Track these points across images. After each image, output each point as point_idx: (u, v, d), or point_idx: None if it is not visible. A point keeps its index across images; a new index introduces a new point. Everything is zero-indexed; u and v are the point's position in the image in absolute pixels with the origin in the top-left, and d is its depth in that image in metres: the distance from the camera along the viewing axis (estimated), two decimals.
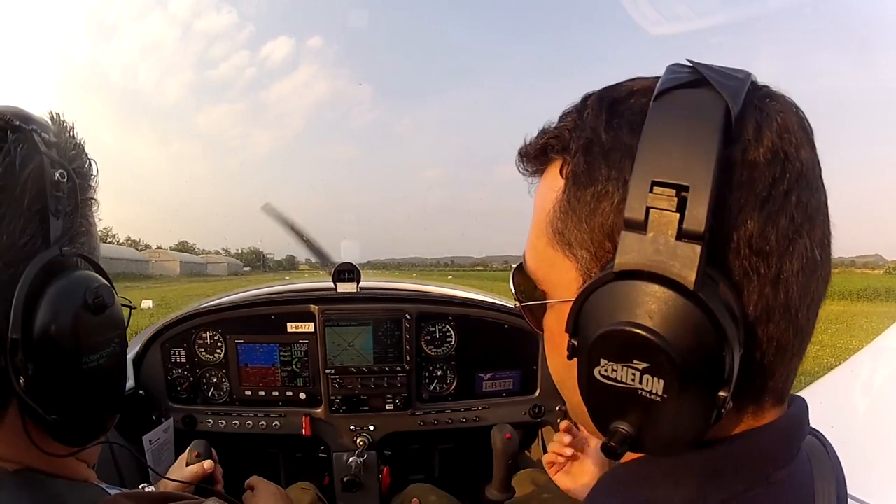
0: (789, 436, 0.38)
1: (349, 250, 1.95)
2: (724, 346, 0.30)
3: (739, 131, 0.31)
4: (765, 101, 0.33)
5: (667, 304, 0.30)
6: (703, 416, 0.32)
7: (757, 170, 0.31)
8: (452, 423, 1.51)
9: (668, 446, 0.35)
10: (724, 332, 0.30)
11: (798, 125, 0.33)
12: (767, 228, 0.31)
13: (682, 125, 0.31)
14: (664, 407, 0.32)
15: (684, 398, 0.31)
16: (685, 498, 0.36)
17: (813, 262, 0.33)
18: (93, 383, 0.45)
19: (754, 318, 0.32)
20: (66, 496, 0.45)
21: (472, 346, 1.55)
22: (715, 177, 0.30)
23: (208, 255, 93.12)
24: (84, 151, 0.48)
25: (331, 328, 1.45)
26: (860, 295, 26.87)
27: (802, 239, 0.32)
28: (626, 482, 0.41)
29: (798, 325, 0.34)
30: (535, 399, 1.55)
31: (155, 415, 1.44)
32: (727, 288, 0.31)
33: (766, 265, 0.32)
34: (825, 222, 0.34)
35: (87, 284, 0.44)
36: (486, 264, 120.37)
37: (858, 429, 1.08)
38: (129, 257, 61.54)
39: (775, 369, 0.35)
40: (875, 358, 1.36)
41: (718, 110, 0.31)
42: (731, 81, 0.32)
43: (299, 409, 1.47)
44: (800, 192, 0.32)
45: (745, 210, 0.31)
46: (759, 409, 0.37)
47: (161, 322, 1.52)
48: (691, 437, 0.33)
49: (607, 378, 0.34)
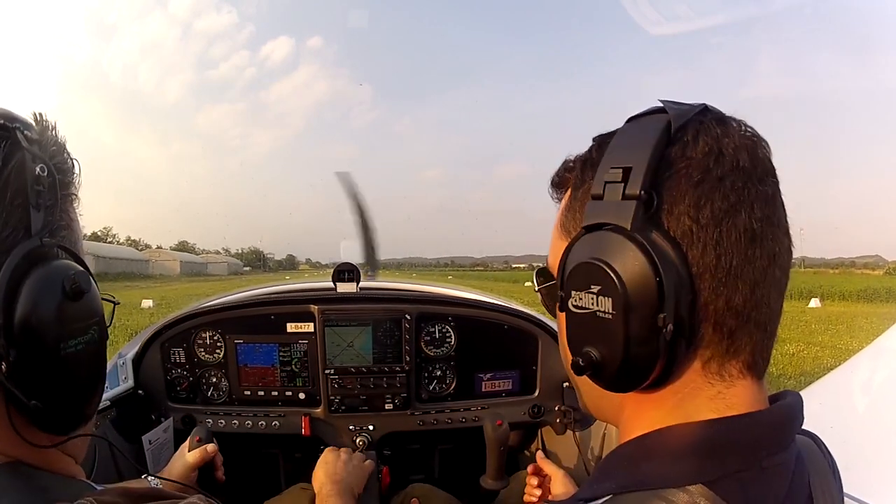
0: (781, 424, 0.43)
1: (349, 250, 1.95)
2: (657, 273, 0.39)
3: (680, 136, 0.42)
4: (710, 120, 0.42)
5: (612, 242, 0.41)
6: (651, 341, 0.40)
7: (692, 161, 0.41)
8: (452, 423, 1.51)
9: (626, 374, 0.42)
10: (655, 261, 0.39)
11: (740, 139, 0.42)
12: (702, 202, 0.40)
13: (635, 133, 0.44)
14: (615, 323, 0.41)
15: (630, 316, 0.40)
16: (682, 473, 0.39)
17: (751, 233, 0.40)
18: (71, 369, 0.46)
19: (696, 273, 0.40)
20: (52, 489, 0.45)
21: (471, 346, 1.54)
22: (652, 160, 0.40)
23: (208, 254, 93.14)
24: (65, 149, 0.50)
25: (330, 328, 1.45)
26: (860, 295, 26.86)
27: (740, 215, 0.40)
28: (629, 458, 0.44)
29: (745, 291, 0.40)
30: (535, 399, 1.55)
31: (154, 414, 1.44)
32: (668, 241, 0.40)
33: (705, 231, 0.40)
34: (769, 207, 0.41)
35: (65, 272, 0.46)
36: (486, 264, 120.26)
37: (858, 429, 1.08)
38: (130, 257, 61.54)
39: (733, 331, 0.41)
40: (875, 358, 1.36)
41: (662, 122, 0.42)
42: (683, 107, 0.43)
43: (299, 409, 1.47)
44: (734, 179, 0.40)
45: (682, 188, 0.41)
46: (725, 371, 0.42)
47: (160, 322, 1.52)
48: (645, 365, 0.41)
49: (577, 307, 0.44)
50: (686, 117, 0.42)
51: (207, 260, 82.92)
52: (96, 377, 0.51)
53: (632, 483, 0.41)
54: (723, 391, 0.41)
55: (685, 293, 0.39)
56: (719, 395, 0.41)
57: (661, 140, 0.41)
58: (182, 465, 1.05)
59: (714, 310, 0.40)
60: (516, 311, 1.58)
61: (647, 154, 0.40)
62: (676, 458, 0.40)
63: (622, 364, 0.41)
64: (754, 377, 0.42)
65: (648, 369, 0.41)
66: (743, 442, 0.40)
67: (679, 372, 0.42)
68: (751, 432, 0.40)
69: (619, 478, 0.42)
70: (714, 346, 0.41)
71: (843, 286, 30.04)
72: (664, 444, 0.42)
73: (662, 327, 0.39)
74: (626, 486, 0.41)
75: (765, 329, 0.42)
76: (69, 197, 0.50)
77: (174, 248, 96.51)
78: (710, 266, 0.40)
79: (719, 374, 0.41)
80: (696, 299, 0.40)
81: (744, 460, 0.39)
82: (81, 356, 0.47)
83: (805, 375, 6.57)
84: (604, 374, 0.44)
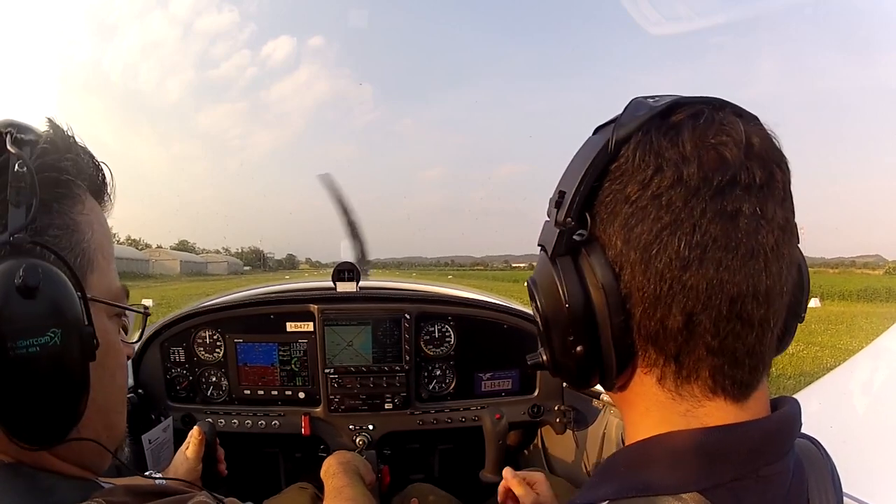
0: (780, 433, 0.42)
1: (349, 250, 1.95)
2: (566, 300, 0.41)
3: (623, 150, 0.40)
4: (661, 129, 0.39)
5: (541, 265, 0.44)
6: (569, 357, 0.43)
7: (627, 177, 0.39)
8: (452, 423, 1.51)
9: (568, 379, 0.47)
10: (564, 288, 0.41)
11: (694, 148, 0.38)
12: (632, 222, 0.39)
13: (581, 151, 0.43)
14: (543, 337, 0.45)
15: (550, 333, 0.44)
16: (680, 481, 0.39)
17: (684, 259, 0.37)
18: (22, 373, 0.43)
19: (628, 293, 0.40)
20: (58, 489, 0.45)
21: (471, 345, 1.54)
22: (581, 186, 0.41)
23: (208, 254, 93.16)
24: (60, 148, 0.49)
25: (330, 328, 1.45)
26: (860, 295, 26.86)
27: (674, 237, 0.37)
28: (628, 462, 0.44)
29: (680, 318, 0.38)
30: (535, 399, 1.55)
31: (154, 414, 1.44)
32: (599, 263, 0.40)
33: (634, 253, 0.39)
34: (718, 226, 0.37)
35: (18, 270, 0.42)
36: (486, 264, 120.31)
37: (858, 429, 1.08)
38: (130, 256, 61.54)
39: (677, 354, 0.40)
40: (875, 358, 1.35)
41: (602, 141, 0.40)
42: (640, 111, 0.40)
43: (298, 409, 1.47)
44: (672, 196, 0.37)
45: (616, 208, 0.40)
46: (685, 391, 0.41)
47: (160, 321, 1.52)
48: (578, 375, 0.45)
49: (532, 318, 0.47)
50: (631, 128, 0.40)
51: (207, 259, 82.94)
52: (61, 384, 0.45)
53: (628, 489, 0.41)
54: (691, 409, 0.41)
55: (613, 314, 0.40)
56: (689, 412, 0.41)
57: (600, 158, 0.40)
58: (184, 462, 1.05)
59: (651, 332, 0.40)
60: (516, 310, 1.59)
61: (579, 177, 0.41)
62: (672, 465, 0.40)
63: (557, 368, 0.46)
64: (727, 399, 0.40)
65: (581, 378, 0.45)
66: (741, 450, 0.39)
67: (631, 384, 0.43)
68: (749, 441, 0.40)
69: (615, 483, 0.42)
70: (662, 366, 0.41)
71: (843, 286, 30.03)
72: (661, 450, 0.41)
73: (572, 348, 0.42)
74: (622, 492, 0.40)
75: (722, 355, 0.39)
76: (64, 196, 0.49)
77: (174, 248, 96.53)
78: (638, 288, 0.39)
79: (678, 394, 0.41)
80: (630, 320, 0.40)
81: (741, 468, 0.39)
82: (37, 360, 0.43)
83: (805, 375, 6.58)
84: (551, 373, 0.48)
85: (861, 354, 1.39)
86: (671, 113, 0.40)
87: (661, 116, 0.40)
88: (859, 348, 1.41)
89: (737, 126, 0.38)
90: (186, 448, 1.06)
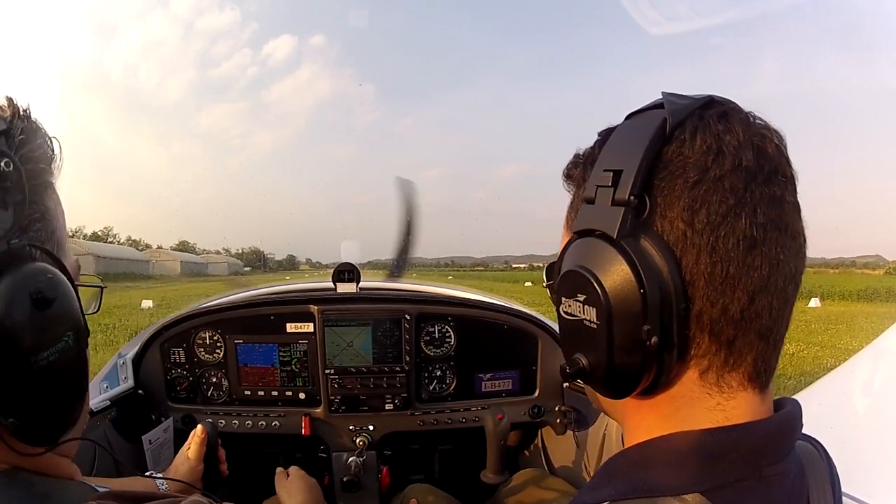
0: (782, 433, 0.42)
1: (349, 250, 1.95)
2: (641, 285, 0.38)
3: (678, 134, 0.40)
4: (712, 116, 0.40)
5: (597, 250, 0.40)
6: (636, 352, 0.39)
7: (689, 161, 0.39)
8: (452, 424, 1.51)
9: (614, 383, 0.42)
10: (640, 272, 0.38)
11: (745, 135, 0.39)
12: (697, 206, 0.38)
13: (630, 132, 0.42)
14: (599, 333, 0.40)
15: (614, 327, 0.39)
16: (679, 481, 0.39)
17: (751, 239, 0.38)
18: (46, 382, 0.43)
19: (690, 280, 0.38)
20: (54, 494, 0.45)
21: (471, 346, 1.55)
22: (643, 163, 0.39)
23: (209, 254, 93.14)
24: (37, 134, 0.46)
25: (330, 328, 1.45)
26: (860, 295, 26.85)
27: (739, 219, 0.38)
28: (629, 463, 0.44)
29: (744, 300, 0.38)
30: (535, 399, 1.55)
31: (154, 414, 1.44)
32: (659, 247, 0.38)
33: (699, 237, 0.38)
34: (773, 210, 0.39)
35: (30, 280, 0.42)
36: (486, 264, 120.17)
37: (858, 429, 1.08)
38: (130, 257, 61.52)
39: (732, 341, 0.39)
40: (875, 358, 1.35)
41: (658, 120, 0.40)
42: (683, 102, 0.41)
43: (299, 409, 1.48)
44: (734, 180, 0.38)
45: (676, 191, 0.39)
46: (724, 383, 0.40)
47: (160, 322, 1.52)
48: (632, 375, 0.40)
49: (567, 314, 0.44)
50: (685, 113, 0.40)
51: (208, 260, 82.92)
52: (76, 383, 0.47)
53: (629, 490, 0.40)
54: (722, 403, 0.40)
55: (677, 302, 0.38)
56: (718, 406, 0.40)
57: (656, 139, 0.39)
58: (185, 462, 1.05)
59: (710, 319, 0.39)
60: (516, 311, 1.59)
61: (639, 155, 0.39)
62: (675, 466, 0.40)
63: (608, 373, 0.41)
64: (757, 389, 0.41)
65: (636, 379, 0.40)
66: (742, 451, 0.39)
67: (673, 381, 0.41)
68: (751, 441, 0.40)
69: (617, 484, 0.42)
70: (711, 356, 0.40)
71: (843, 286, 30.03)
72: (664, 451, 0.41)
73: (646, 339, 0.38)
74: (624, 493, 0.40)
75: (767, 339, 0.40)
76: (43, 186, 0.46)
77: (174, 248, 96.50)
78: (703, 273, 0.38)
79: (717, 386, 0.40)
80: (690, 308, 0.39)
81: (743, 469, 0.39)
82: (57, 366, 0.43)
83: (805, 375, 6.57)
84: (592, 381, 0.44)
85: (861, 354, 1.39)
86: (711, 106, 0.41)
87: (705, 108, 0.41)
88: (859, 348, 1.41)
89: (769, 124, 0.41)
90: (188, 448, 1.06)
